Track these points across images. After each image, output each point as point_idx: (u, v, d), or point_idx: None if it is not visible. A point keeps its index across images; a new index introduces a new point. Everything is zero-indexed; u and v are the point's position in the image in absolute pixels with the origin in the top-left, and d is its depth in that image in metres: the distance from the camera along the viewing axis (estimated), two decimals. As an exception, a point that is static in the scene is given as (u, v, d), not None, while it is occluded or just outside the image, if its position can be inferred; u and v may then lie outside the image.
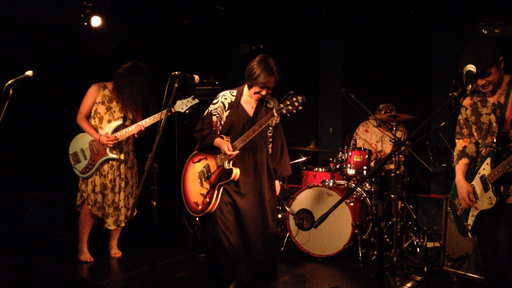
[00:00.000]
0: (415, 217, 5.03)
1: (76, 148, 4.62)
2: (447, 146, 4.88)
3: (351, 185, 5.23)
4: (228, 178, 3.52)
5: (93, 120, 4.63)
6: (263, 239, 3.61)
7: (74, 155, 4.62)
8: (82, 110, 4.63)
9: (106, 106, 4.62)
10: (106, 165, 4.61)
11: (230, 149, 3.46)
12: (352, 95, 4.88)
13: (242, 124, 3.60)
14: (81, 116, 4.63)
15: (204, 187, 3.64)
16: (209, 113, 3.71)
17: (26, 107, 5.48)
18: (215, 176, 3.59)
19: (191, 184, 3.77)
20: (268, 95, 3.59)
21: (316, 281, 4.37)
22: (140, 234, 4.96)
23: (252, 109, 3.67)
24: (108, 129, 4.57)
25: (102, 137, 4.52)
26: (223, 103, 3.68)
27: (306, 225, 5.00)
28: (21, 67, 3.91)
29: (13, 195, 5.67)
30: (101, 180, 4.62)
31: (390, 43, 6.23)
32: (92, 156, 4.57)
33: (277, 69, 3.54)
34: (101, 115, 4.62)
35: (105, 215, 4.65)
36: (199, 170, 3.71)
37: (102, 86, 4.65)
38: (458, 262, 4.05)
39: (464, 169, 3.20)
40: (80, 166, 4.59)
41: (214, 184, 3.58)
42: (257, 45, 6.68)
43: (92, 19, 5.53)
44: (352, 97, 4.85)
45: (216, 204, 3.56)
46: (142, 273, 4.42)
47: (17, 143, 5.60)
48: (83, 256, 4.72)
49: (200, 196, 3.65)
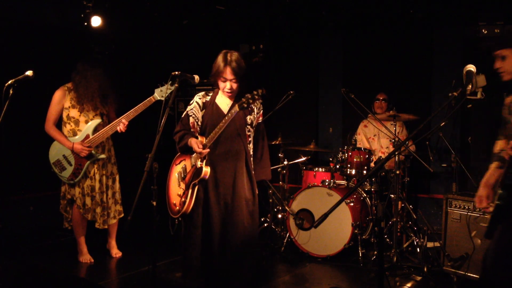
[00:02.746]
0: (415, 217, 5.03)
1: (58, 155, 4.50)
2: (447, 146, 4.88)
3: (351, 185, 5.23)
4: (199, 176, 3.50)
5: (69, 125, 4.52)
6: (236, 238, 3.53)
7: (58, 163, 4.50)
8: (49, 118, 4.50)
9: (77, 108, 4.51)
10: (91, 166, 4.54)
11: (200, 147, 3.44)
12: (352, 95, 4.88)
13: (218, 123, 3.54)
14: (49, 124, 4.50)
15: (181, 188, 3.64)
16: (186, 114, 3.68)
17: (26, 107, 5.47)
18: (189, 176, 3.58)
19: (172, 186, 3.76)
20: (234, 89, 3.53)
21: (316, 281, 4.37)
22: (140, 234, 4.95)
23: (226, 107, 3.62)
24: (88, 130, 4.48)
25: (76, 146, 4.40)
26: (197, 103, 3.66)
27: (306, 225, 5.00)
28: (21, 67, 3.91)
29: (13, 195, 5.67)
30: (87, 183, 4.54)
31: (390, 43, 6.24)
32: (78, 161, 4.46)
33: (236, 59, 3.48)
34: (76, 118, 4.52)
35: (94, 217, 4.61)
36: (178, 171, 3.71)
37: (67, 90, 4.54)
38: (458, 262, 4.06)
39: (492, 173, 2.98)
40: (66, 173, 4.47)
41: (189, 184, 3.56)
42: (257, 45, 6.68)
43: (92, 19, 5.52)
44: (352, 97, 4.86)
45: (192, 203, 3.53)
46: (142, 273, 4.43)
47: (17, 143, 5.59)
48: (83, 257, 4.72)
49: (177, 197, 3.65)
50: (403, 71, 6.16)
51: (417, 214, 5.74)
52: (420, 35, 6.06)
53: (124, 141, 5.01)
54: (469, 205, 4.09)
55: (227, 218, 3.56)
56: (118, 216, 4.75)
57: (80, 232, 4.70)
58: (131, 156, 5.45)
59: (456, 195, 4.25)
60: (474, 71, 2.90)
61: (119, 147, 4.99)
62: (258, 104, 3.66)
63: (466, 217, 4.08)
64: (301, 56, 6.88)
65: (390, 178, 4.95)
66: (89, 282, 4.26)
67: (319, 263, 4.84)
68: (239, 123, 3.57)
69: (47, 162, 4.62)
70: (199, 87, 6.31)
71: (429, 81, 6.05)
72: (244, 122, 3.60)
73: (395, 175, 4.72)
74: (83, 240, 4.74)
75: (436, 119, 5.24)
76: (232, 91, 3.56)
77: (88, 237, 4.83)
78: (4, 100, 3.48)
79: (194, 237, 3.57)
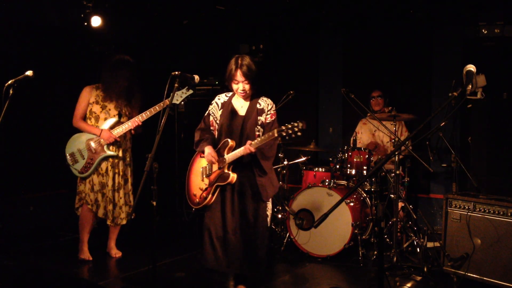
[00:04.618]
0: (415, 217, 5.03)
1: (73, 148, 4.63)
2: (447, 146, 4.88)
3: (351, 185, 5.23)
4: (225, 181, 3.69)
5: (89, 120, 4.66)
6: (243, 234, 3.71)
7: (72, 156, 4.63)
8: (76, 113, 4.68)
9: (100, 105, 4.65)
10: (104, 163, 4.63)
11: (215, 160, 3.69)
12: (352, 95, 4.89)
13: (233, 123, 3.75)
14: (76, 119, 4.68)
15: (204, 183, 3.81)
16: (208, 113, 3.91)
17: (26, 107, 5.47)
18: (215, 176, 3.75)
19: (194, 176, 3.93)
20: (246, 90, 3.70)
21: (316, 281, 4.38)
22: (140, 234, 4.95)
23: (241, 108, 3.80)
24: (105, 127, 4.60)
25: (105, 132, 4.55)
26: (217, 103, 3.88)
27: (306, 225, 5.00)
28: (21, 67, 3.91)
29: (13, 195, 5.67)
30: (99, 179, 4.63)
31: (390, 43, 6.24)
32: (90, 155, 4.58)
33: (246, 63, 3.65)
34: (97, 114, 4.65)
35: (106, 215, 4.66)
36: (203, 165, 3.86)
37: (95, 87, 4.69)
38: (458, 262, 4.05)
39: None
40: (78, 166, 4.61)
41: (213, 183, 3.74)
42: (257, 45, 6.68)
43: (92, 19, 5.52)
44: (352, 97, 4.86)
45: (212, 200, 3.75)
46: (142, 273, 4.43)
47: (17, 143, 5.59)
48: (83, 255, 4.73)
49: (199, 190, 3.84)
50: (403, 71, 6.16)
51: (417, 214, 5.74)
52: (420, 35, 6.06)
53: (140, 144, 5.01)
54: (469, 205, 4.09)
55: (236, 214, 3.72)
56: (127, 218, 4.73)
57: (84, 230, 4.73)
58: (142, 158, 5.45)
59: (456, 195, 4.24)
60: (474, 71, 2.90)
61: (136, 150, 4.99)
62: (269, 105, 3.80)
63: (466, 217, 4.07)
64: (301, 56, 6.88)
65: (390, 178, 4.96)
66: (89, 282, 4.26)
67: (319, 263, 4.84)
68: (251, 124, 3.72)
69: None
70: (199, 87, 6.33)
71: (429, 81, 6.05)
72: (255, 122, 3.73)
73: (395, 175, 4.72)
74: (86, 239, 4.75)
75: (436, 119, 5.24)
76: (245, 92, 3.72)
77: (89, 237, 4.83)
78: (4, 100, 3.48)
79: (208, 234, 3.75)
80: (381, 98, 5.73)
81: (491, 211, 3.93)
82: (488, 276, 3.90)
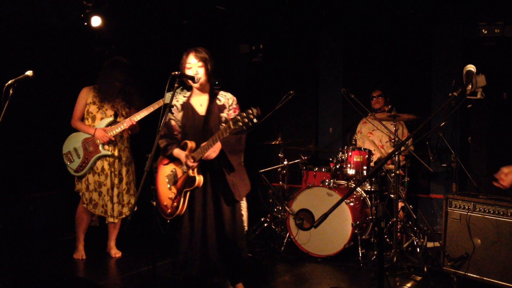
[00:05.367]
0: (415, 217, 5.03)
1: (69, 147, 4.67)
2: (447, 146, 4.88)
3: (351, 185, 5.23)
4: (192, 185, 3.50)
5: (87, 120, 4.68)
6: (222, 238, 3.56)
7: (68, 155, 4.66)
8: (75, 114, 4.71)
9: (97, 105, 4.66)
10: (100, 162, 4.64)
11: (191, 161, 3.46)
12: (352, 95, 4.88)
13: (194, 124, 3.57)
14: (74, 119, 4.71)
15: (172, 192, 3.62)
16: (169, 118, 3.70)
17: (26, 107, 5.48)
18: (181, 182, 3.57)
19: (161, 187, 3.73)
20: (200, 75, 3.53)
21: (316, 281, 4.37)
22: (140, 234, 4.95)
23: (201, 107, 3.63)
24: (99, 126, 4.61)
25: (98, 131, 4.55)
26: (176, 106, 3.69)
27: (306, 225, 5.00)
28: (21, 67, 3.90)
29: (13, 195, 5.67)
30: (95, 178, 4.65)
31: (390, 43, 6.24)
32: (86, 154, 4.61)
33: (202, 49, 3.58)
34: (93, 114, 4.66)
35: (104, 212, 4.68)
36: (167, 174, 3.67)
37: (93, 88, 4.71)
38: (458, 262, 4.05)
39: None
40: (74, 165, 4.63)
41: (181, 190, 3.56)
42: (257, 45, 6.68)
43: (92, 19, 5.52)
44: (352, 97, 4.86)
45: (184, 209, 3.54)
46: (141, 273, 4.43)
47: (17, 143, 5.60)
48: (76, 254, 4.77)
49: (168, 200, 3.63)
50: (403, 71, 6.16)
51: (417, 214, 5.75)
52: (420, 35, 6.06)
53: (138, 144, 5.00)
54: (469, 205, 4.09)
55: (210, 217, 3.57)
56: (119, 217, 4.75)
57: (80, 229, 4.75)
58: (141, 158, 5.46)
59: (456, 195, 4.24)
60: (474, 71, 2.90)
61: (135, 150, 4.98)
62: (230, 99, 3.65)
63: (466, 217, 4.07)
64: (301, 56, 6.88)
65: (390, 178, 4.95)
66: (89, 282, 4.26)
67: (319, 263, 4.83)
68: (214, 122, 3.57)
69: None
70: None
71: (429, 81, 6.05)
72: (218, 120, 3.59)
73: (395, 175, 4.71)
74: (82, 237, 4.78)
75: (436, 119, 5.25)
76: (199, 79, 3.53)
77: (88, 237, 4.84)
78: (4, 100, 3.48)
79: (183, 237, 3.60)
80: (381, 97, 5.73)
81: (491, 211, 3.94)
82: (488, 276, 3.90)
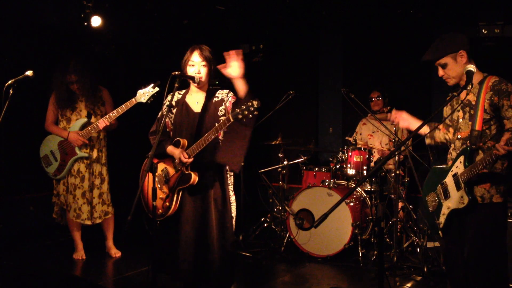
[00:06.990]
0: (415, 217, 5.03)
1: (46, 150, 4.67)
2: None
3: (351, 185, 5.23)
4: (187, 182, 3.39)
5: (61, 123, 4.68)
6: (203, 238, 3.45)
7: (45, 158, 4.67)
8: (48, 117, 4.74)
9: (70, 107, 4.65)
10: (76, 164, 4.62)
11: (185, 157, 3.36)
12: (352, 95, 4.88)
13: (189, 121, 3.48)
14: (48, 123, 4.72)
15: (163, 191, 3.51)
16: (162, 114, 3.54)
17: (26, 107, 5.47)
18: (174, 180, 3.47)
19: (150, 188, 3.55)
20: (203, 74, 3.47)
21: (316, 281, 4.38)
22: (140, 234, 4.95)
23: (197, 104, 3.55)
24: (75, 127, 4.59)
25: (72, 134, 4.53)
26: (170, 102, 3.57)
27: (306, 225, 5.01)
28: (21, 67, 3.90)
29: (13, 195, 5.67)
30: (71, 180, 4.63)
31: (390, 43, 6.24)
32: (62, 157, 4.60)
33: (206, 48, 3.53)
34: (68, 116, 4.66)
35: (79, 216, 4.63)
36: (157, 173, 3.52)
37: None
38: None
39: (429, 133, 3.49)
40: (51, 168, 4.64)
41: (173, 188, 3.46)
42: (257, 45, 6.68)
43: (92, 19, 5.52)
44: (352, 97, 4.86)
45: (176, 207, 3.44)
46: (141, 273, 4.42)
47: (17, 143, 5.59)
48: (76, 254, 4.78)
49: (159, 200, 3.49)
50: (403, 71, 6.16)
51: (417, 214, 5.74)
52: (420, 35, 6.05)
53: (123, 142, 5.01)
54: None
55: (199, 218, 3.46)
56: (104, 217, 4.75)
57: (74, 232, 4.76)
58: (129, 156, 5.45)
59: (456, 195, 4.23)
60: (474, 71, 2.91)
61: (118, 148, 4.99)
62: (226, 92, 3.56)
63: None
64: (301, 56, 6.88)
65: (390, 178, 4.95)
66: (89, 282, 4.26)
67: (319, 263, 4.84)
68: (209, 120, 3.47)
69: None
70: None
71: (429, 81, 6.05)
72: (214, 118, 3.48)
73: (395, 175, 4.72)
74: (78, 237, 4.79)
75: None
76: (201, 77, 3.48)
77: (88, 237, 4.83)
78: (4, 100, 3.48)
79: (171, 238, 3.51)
80: (380, 98, 5.73)
81: (491, 211, 3.92)
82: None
